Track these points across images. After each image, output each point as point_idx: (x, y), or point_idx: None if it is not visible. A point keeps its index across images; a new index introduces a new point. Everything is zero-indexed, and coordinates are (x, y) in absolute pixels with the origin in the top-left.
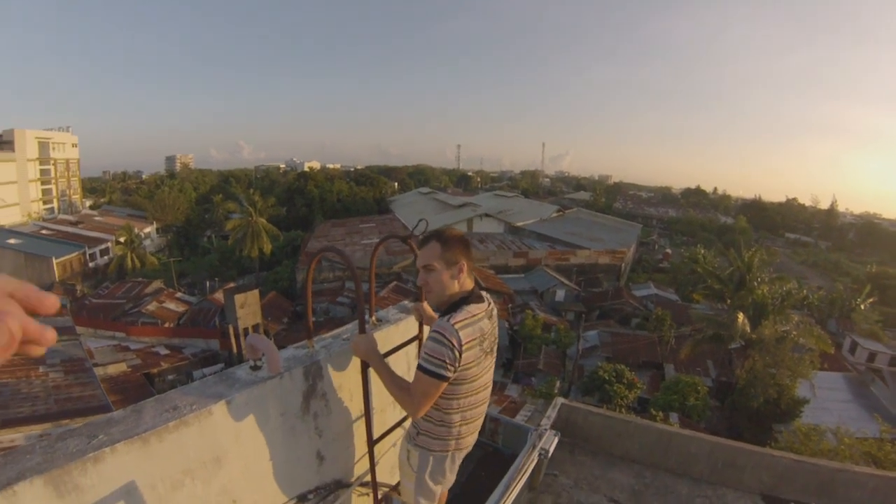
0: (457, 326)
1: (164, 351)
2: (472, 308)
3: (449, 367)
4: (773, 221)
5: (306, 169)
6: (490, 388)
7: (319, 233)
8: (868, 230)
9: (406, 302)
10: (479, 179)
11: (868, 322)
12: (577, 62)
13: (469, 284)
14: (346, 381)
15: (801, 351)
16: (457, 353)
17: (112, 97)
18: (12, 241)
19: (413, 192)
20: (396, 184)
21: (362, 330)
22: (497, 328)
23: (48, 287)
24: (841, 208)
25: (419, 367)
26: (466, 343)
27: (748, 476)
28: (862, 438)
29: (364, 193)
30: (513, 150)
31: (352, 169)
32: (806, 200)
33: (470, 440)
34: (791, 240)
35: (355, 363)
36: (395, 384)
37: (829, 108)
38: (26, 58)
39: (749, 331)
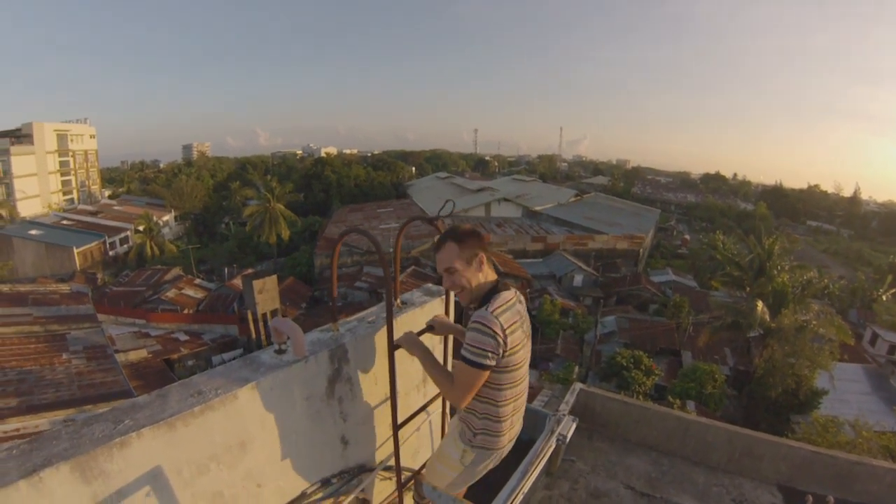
0: (496, 313)
1: (183, 337)
2: (505, 294)
3: (491, 355)
4: (795, 208)
5: (323, 154)
6: (525, 382)
7: (337, 218)
8: (892, 219)
9: (430, 285)
10: (496, 164)
11: (890, 313)
12: (595, 44)
13: (492, 275)
14: (371, 365)
15: (820, 341)
16: (500, 340)
17: (128, 88)
18: (34, 232)
19: (430, 177)
20: (414, 168)
21: (389, 312)
22: (525, 310)
23: (70, 276)
24: (864, 196)
25: (462, 358)
26: (509, 327)
27: (765, 466)
28: (881, 432)
29: (381, 178)
30: (530, 135)
31: (369, 154)
32: (828, 187)
33: (516, 432)
34: (812, 227)
35: (381, 347)
36: (441, 374)
37: (855, 91)
38: (43, 52)
39: (768, 319)
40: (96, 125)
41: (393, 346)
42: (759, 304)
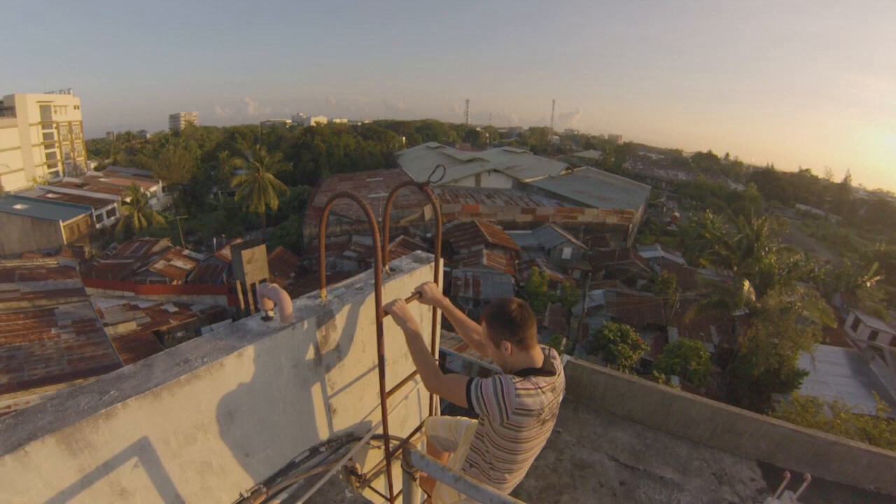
0: (520, 394)
1: (172, 308)
2: (539, 380)
3: (485, 409)
4: (785, 191)
5: (313, 124)
6: (539, 448)
7: (326, 187)
8: (880, 208)
9: (419, 252)
10: (487, 135)
11: (873, 300)
12: (590, 17)
13: (532, 360)
14: (359, 333)
15: (804, 323)
16: (504, 416)
17: (113, 57)
18: (19, 206)
19: (421, 147)
20: (404, 138)
21: (377, 278)
22: (560, 399)
23: (56, 250)
24: (854, 183)
25: (470, 381)
26: (521, 410)
27: (746, 442)
28: (858, 414)
29: (371, 148)
30: (522, 107)
31: (359, 123)
32: (819, 172)
33: (512, 485)
34: (801, 211)
35: (368, 314)
36: (423, 358)
37: (851, 78)
38: (23, 20)
39: (754, 299)
40: (80, 95)
41: (381, 313)
42: (746, 283)
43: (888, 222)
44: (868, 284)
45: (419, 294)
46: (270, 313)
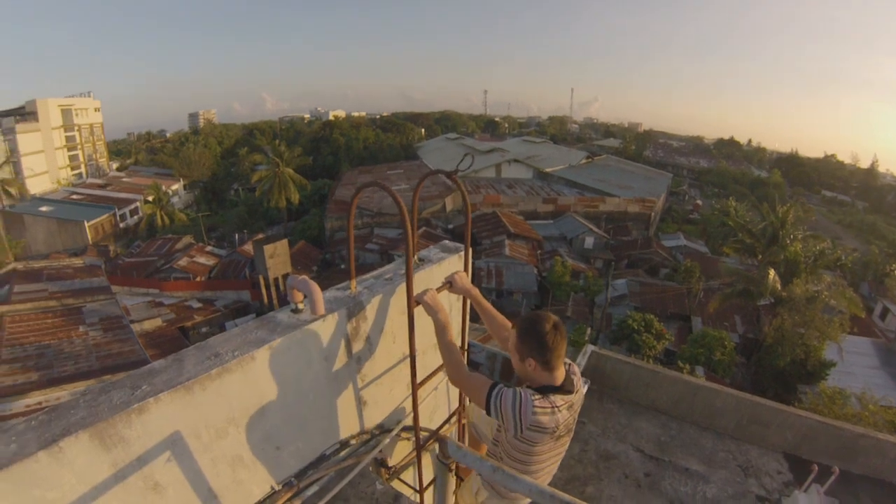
0: (537, 412)
1: (196, 304)
2: (557, 399)
3: (501, 422)
4: (810, 178)
5: (331, 118)
6: (557, 463)
7: (346, 180)
8: None
9: (447, 241)
10: (506, 125)
11: None
12: (607, 2)
13: (554, 379)
14: (389, 324)
15: (831, 313)
16: (518, 430)
17: (131, 59)
18: (44, 208)
19: (440, 138)
20: (423, 130)
21: (409, 267)
22: (576, 415)
23: (82, 250)
24: (882, 169)
25: (492, 387)
26: (536, 427)
27: (772, 434)
28: (886, 406)
29: (390, 140)
30: (540, 96)
31: (377, 116)
32: (845, 158)
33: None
34: (827, 198)
35: (399, 304)
36: (450, 351)
37: (879, 62)
38: (43, 27)
39: (779, 288)
40: (100, 98)
41: (412, 303)
42: (771, 272)
43: None
44: None
45: (450, 283)
46: (300, 305)
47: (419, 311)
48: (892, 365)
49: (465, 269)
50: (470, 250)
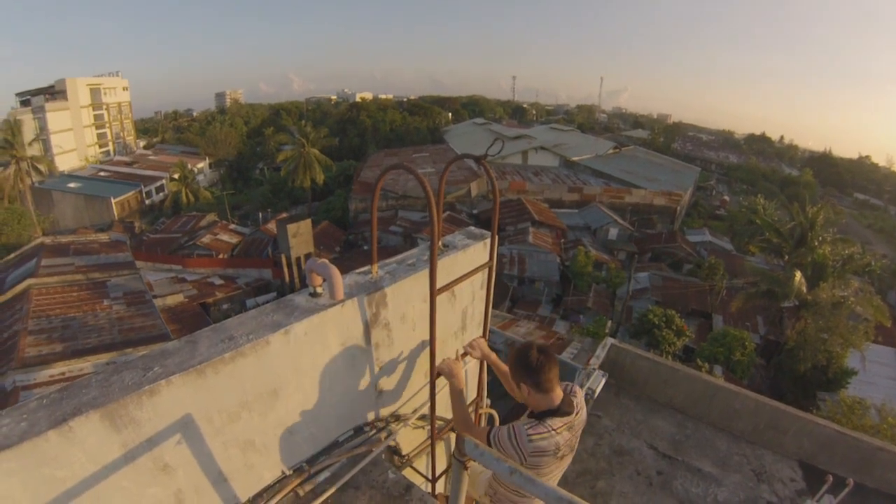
0: (533, 439)
1: (218, 281)
2: (555, 422)
3: (504, 454)
4: (842, 179)
5: (358, 100)
6: (559, 478)
7: (372, 162)
8: None
9: (472, 227)
10: (534, 112)
11: None
12: None
13: (550, 401)
14: (410, 311)
15: (856, 319)
16: (522, 459)
17: (159, 38)
18: (73, 185)
19: (467, 123)
20: (450, 114)
21: (433, 253)
22: (579, 435)
23: (108, 226)
24: None
25: (490, 432)
26: (536, 454)
27: (789, 440)
28: None
29: (417, 123)
30: (569, 84)
31: (404, 99)
32: (881, 160)
33: None
34: (859, 200)
35: (422, 292)
36: (462, 413)
37: None
38: (74, 8)
39: (805, 291)
40: (128, 77)
41: (435, 291)
42: (798, 274)
43: None
44: None
45: (469, 350)
46: (318, 289)
47: (442, 300)
48: None
49: (491, 258)
50: (496, 239)
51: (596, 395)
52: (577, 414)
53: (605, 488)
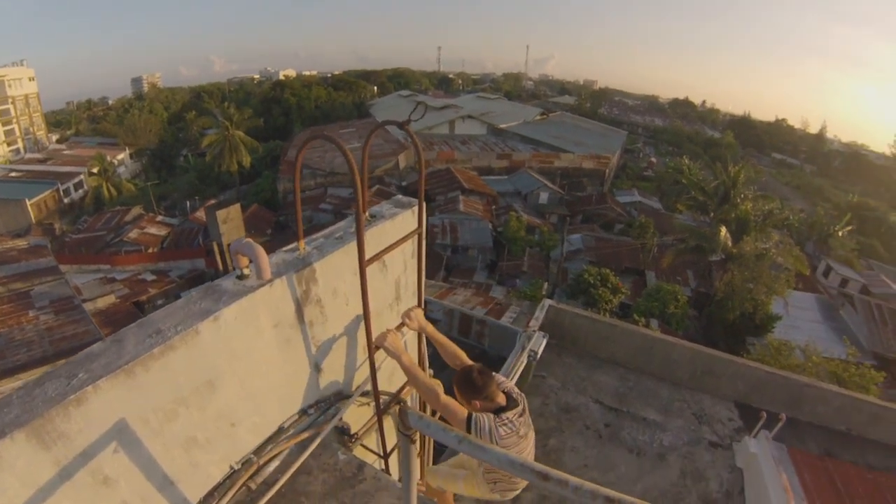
0: (501, 430)
1: (150, 277)
2: (509, 414)
3: (478, 437)
4: (761, 140)
5: (282, 78)
6: (532, 450)
7: (298, 141)
8: (854, 160)
9: (400, 196)
10: (460, 82)
11: (844, 249)
12: None
13: (498, 403)
14: (341, 285)
15: (778, 269)
16: (495, 443)
17: (67, 22)
18: None
19: (393, 95)
20: (376, 88)
21: (359, 224)
22: (528, 416)
23: (26, 230)
24: (829, 135)
25: (468, 416)
26: (506, 438)
27: (724, 384)
28: (829, 358)
29: (342, 98)
30: (495, 53)
31: (329, 75)
32: (796, 123)
33: (524, 484)
34: (777, 160)
35: (351, 264)
36: (424, 385)
37: (831, 30)
38: None
39: (730, 245)
40: (35, 66)
41: (364, 263)
42: (723, 229)
43: (861, 174)
44: (840, 234)
45: (406, 321)
46: (245, 271)
47: (373, 270)
48: (834, 320)
49: (420, 224)
50: (423, 205)
51: (538, 356)
52: (520, 404)
53: (557, 445)
